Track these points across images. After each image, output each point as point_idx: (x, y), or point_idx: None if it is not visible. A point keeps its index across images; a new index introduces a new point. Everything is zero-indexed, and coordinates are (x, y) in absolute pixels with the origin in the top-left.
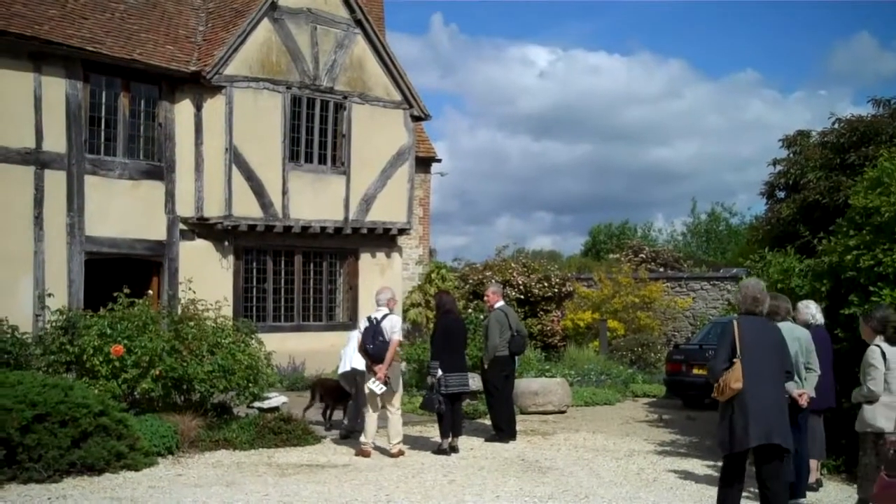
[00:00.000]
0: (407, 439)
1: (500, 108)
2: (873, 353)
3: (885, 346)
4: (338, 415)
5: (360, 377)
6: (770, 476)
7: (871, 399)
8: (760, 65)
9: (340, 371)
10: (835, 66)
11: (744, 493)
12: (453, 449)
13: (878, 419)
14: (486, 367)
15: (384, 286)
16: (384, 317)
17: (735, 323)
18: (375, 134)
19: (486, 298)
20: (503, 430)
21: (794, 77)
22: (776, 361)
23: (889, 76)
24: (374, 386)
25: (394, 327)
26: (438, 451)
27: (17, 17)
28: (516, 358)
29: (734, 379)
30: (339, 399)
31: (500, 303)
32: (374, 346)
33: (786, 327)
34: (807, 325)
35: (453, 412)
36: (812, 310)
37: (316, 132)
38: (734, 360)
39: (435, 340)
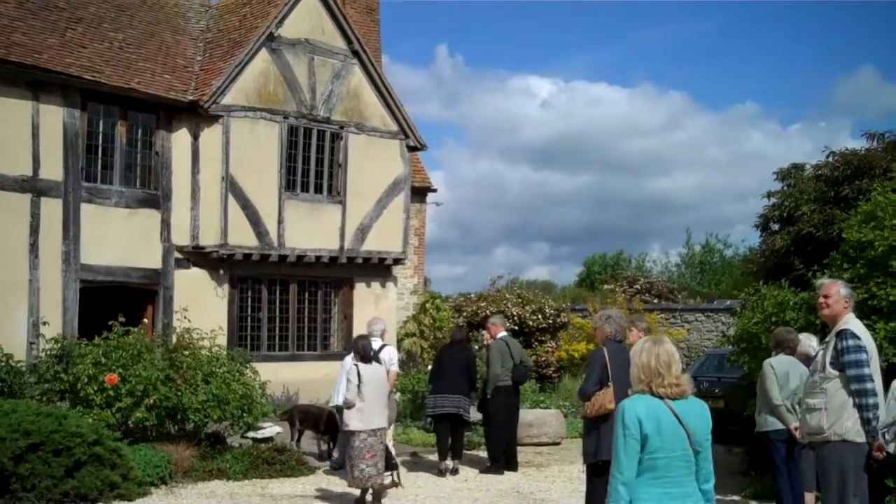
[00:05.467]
0: (400, 469)
1: (501, 138)
2: (352, 371)
3: (361, 364)
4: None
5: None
6: None
7: (349, 405)
8: (761, 97)
9: (332, 404)
10: (837, 98)
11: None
12: (454, 471)
13: (352, 421)
14: (488, 396)
15: (376, 317)
16: (381, 348)
17: (605, 350)
18: (371, 164)
19: (487, 329)
20: (499, 461)
21: (795, 109)
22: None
23: (893, 109)
24: None
25: (392, 359)
26: (438, 472)
27: (17, 46)
28: (518, 388)
29: (608, 400)
30: (317, 427)
31: (502, 333)
32: None
33: (788, 361)
34: (806, 357)
35: (453, 434)
36: (813, 342)
37: (312, 162)
38: (608, 383)
39: (432, 367)
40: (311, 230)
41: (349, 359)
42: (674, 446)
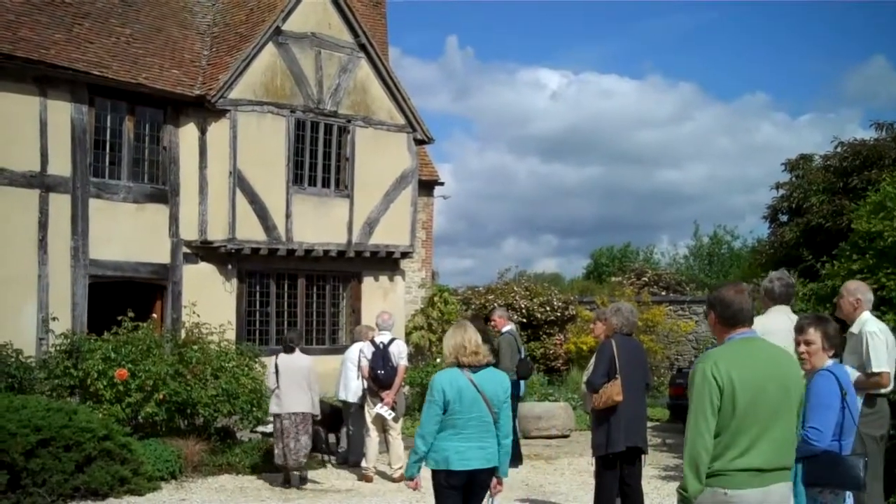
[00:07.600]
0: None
1: (510, 130)
2: (271, 361)
3: (281, 355)
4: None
5: (355, 407)
6: (632, 474)
7: (270, 392)
8: (771, 88)
9: (338, 398)
10: (847, 88)
11: None
12: None
13: (271, 406)
14: None
15: (384, 311)
16: (391, 341)
17: (613, 342)
18: (378, 157)
19: (492, 323)
20: (514, 456)
21: (805, 100)
22: (642, 376)
23: None
24: (384, 412)
25: (401, 353)
26: None
27: (24, 42)
28: (521, 382)
29: (616, 392)
30: (323, 421)
31: (508, 326)
32: (385, 371)
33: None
34: None
35: None
36: None
37: (320, 155)
38: (616, 375)
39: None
40: (318, 224)
41: (352, 350)
42: (472, 409)
